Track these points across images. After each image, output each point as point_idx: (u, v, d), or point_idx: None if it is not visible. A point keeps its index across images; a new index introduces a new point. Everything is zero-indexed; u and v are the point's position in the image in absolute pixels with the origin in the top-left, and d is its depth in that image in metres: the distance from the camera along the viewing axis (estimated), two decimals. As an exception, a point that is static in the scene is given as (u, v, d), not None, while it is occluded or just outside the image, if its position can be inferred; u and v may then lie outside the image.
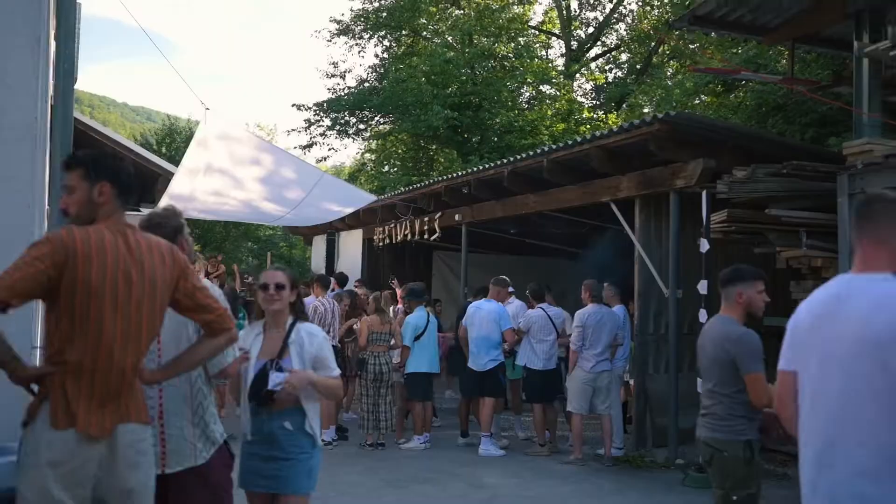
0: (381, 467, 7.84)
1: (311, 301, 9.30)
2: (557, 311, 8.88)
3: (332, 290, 11.17)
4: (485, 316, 8.56)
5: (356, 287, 12.66)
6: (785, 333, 2.65)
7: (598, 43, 27.18)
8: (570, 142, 9.14)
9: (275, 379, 3.64)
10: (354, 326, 9.41)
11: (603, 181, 9.07)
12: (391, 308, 9.51)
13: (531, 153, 9.86)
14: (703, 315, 7.39)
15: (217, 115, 11.68)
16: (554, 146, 9.41)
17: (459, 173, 11.71)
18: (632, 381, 9.03)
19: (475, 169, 11.18)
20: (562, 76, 24.67)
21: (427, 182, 13.01)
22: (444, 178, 12.17)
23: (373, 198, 13.70)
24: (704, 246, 7.43)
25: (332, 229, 17.34)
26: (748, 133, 9.13)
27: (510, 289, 9.56)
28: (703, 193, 7.43)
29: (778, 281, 7.12)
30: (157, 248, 2.80)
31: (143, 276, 2.71)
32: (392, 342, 8.69)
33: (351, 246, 17.12)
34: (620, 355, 8.41)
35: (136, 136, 32.12)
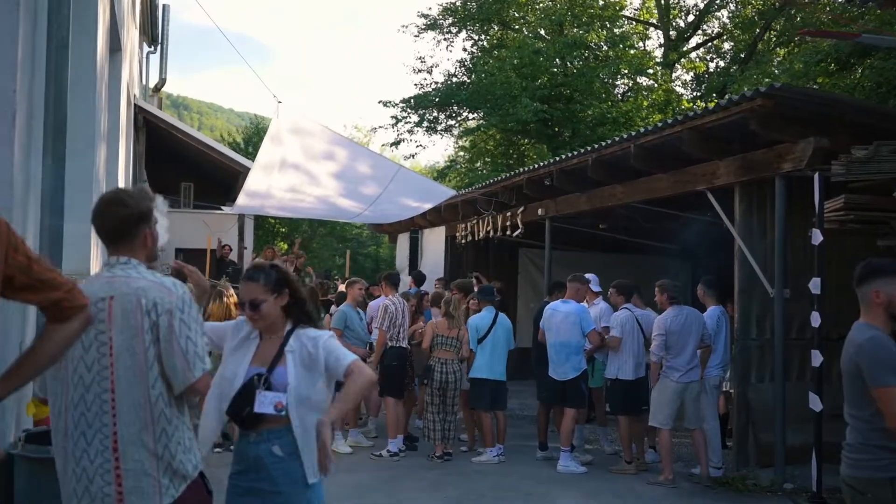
0: (447, 483, 7.15)
1: (380, 301, 8.71)
2: (644, 312, 7.98)
3: (410, 288, 10.62)
4: (562, 318, 7.76)
5: (436, 287, 12.04)
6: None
7: (699, 32, 25.81)
8: (659, 124, 8.23)
9: (262, 400, 3.01)
10: (419, 331, 8.76)
11: (697, 167, 8.13)
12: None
13: (616, 138, 8.98)
14: (815, 318, 6.40)
15: (288, 108, 11.33)
16: (642, 130, 8.50)
17: (541, 164, 10.90)
18: (732, 391, 8.07)
19: (557, 158, 10.36)
20: (659, 66, 23.50)
21: (508, 174, 12.25)
22: (526, 169, 11.39)
23: (452, 192, 13.09)
24: (817, 237, 6.40)
25: (414, 227, 16.84)
26: (868, 107, 8.02)
27: (596, 288, 8.72)
28: (816, 177, 6.41)
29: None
30: None
31: None
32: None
33: (434, 244, 16.55)
34: (715, 362, 7.46)
35: (235, 139, 32.50)
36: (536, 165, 11.05)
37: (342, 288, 10.07)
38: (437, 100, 23.84)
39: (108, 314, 2.58)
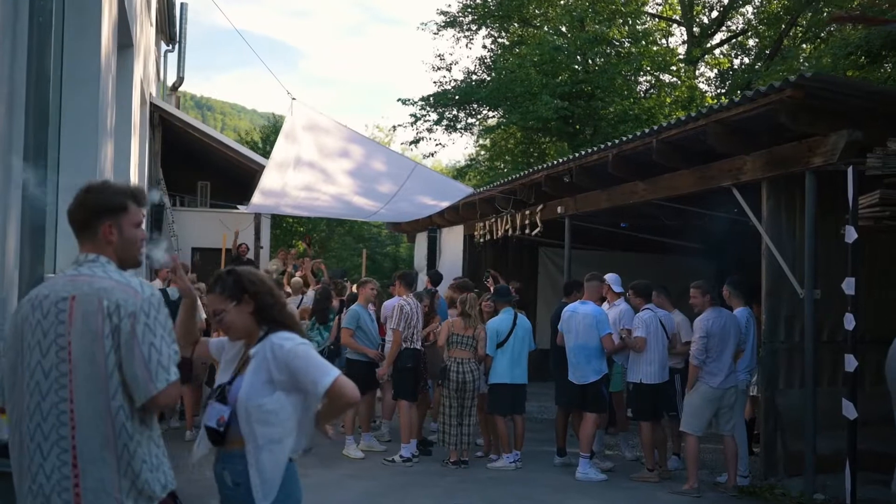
0: (460, 490, 6.89)
1: (394, 301, 8.46)
2: (666, 313, 7.66)
3: (426, 288, 10.37)
4: (581, 320, 7.46)
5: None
6: None
7: (723, 28, 25.33)
8: (682, 118, 7.90)
9: (210, 412, 2.78)
10: (434, 332, 8.50)
11: (723, 163, 7.80)
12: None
13: (638, 133, 8.65)
14: (849, 320, 6.07)
15: (302, 104, 11.13)
16: (664, 124, 8.17)
17: (560, 160, 10.59)
18: (758, 395, 7.75)
19: (577, 155, 10.05)
20: (682, 63, 23.07)
21: (526, 171, 11.96)
22: (545, 166, 11.09)
23: (469, 190, 12.83)
24: (851, 235, 6.06)
25: (433, 225, 16.59)
26: (904, 98, 7.60)
27: (618, 288, 8.40)
28: (849, 170, 6.07)
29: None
30: None
31: None
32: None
33: (452, 243, 16.29)
34: (743, 366, 7.12)
35: (254, 138, 32.39)
36: (555, 162, 10.74)
37: (354, 289, 9.83)
38: (456, 98, 23.58)
39: (68, 315, 2.34)
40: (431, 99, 23.55)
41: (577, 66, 21.91)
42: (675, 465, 7.77)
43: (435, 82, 25.06)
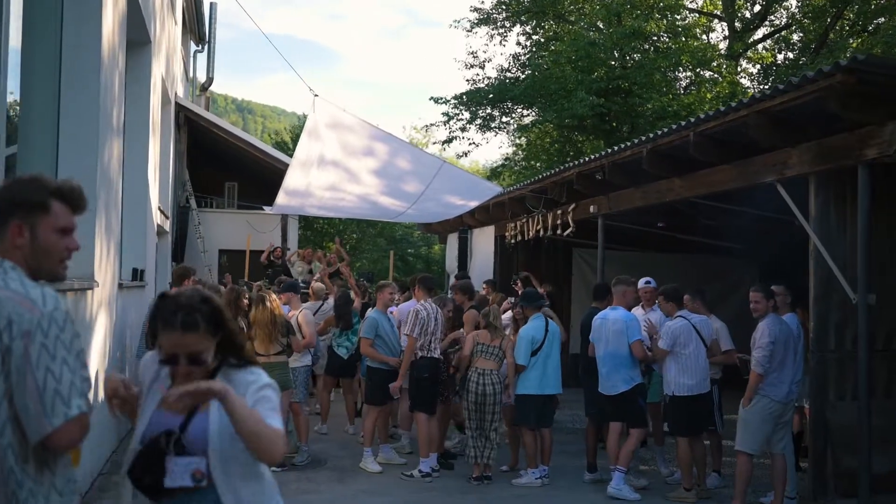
0: (482, 509, 6.43)
1: (410, 305, 8.03)
2: (702, 318, 7.04)
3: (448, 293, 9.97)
4: (610, 327, 6.95)
5: (484, 290, 11.32)
6: None
7: (766, 22, 24.50)
8: (721, 108, 7.34)
9: (175, 469, 2.26)
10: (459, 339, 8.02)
11: (766, 157, 7.22)
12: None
13: (673, 126, 8.11)
14: (907, 328, 5.48)
15: (325, 100, 10.79)
16: (702, 116, 7.62)
17: (592, 157, 10.07)
18: (807, 406, 7.17)
19: (609, 150, 9.52)
20: (723, 59, 22.33)
21: (557, 169, 11.46)
22: (576, 163, 10.57)
23: (498, 189, 12.40)
24: (909, 234, 5.49)
25: (464, 226, 16.17)
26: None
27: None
28: (907, 163, 5.50)
29: None
30: None
31: None
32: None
33: (483, 244, 15.85)
34: (796, 378, 6.54)
35: (284, 138, 32.25)
36: (587, 159, 10.22)
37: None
38: (490, 96, 23.11)
39: None
40: (464, 97, 23.10)
41: (613, 62, 21.35)
42: (715, 484, 7.21)
43: (468, 80, 24.64)
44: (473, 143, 41.96)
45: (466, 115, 23.38)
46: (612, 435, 7.05)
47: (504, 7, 24.14)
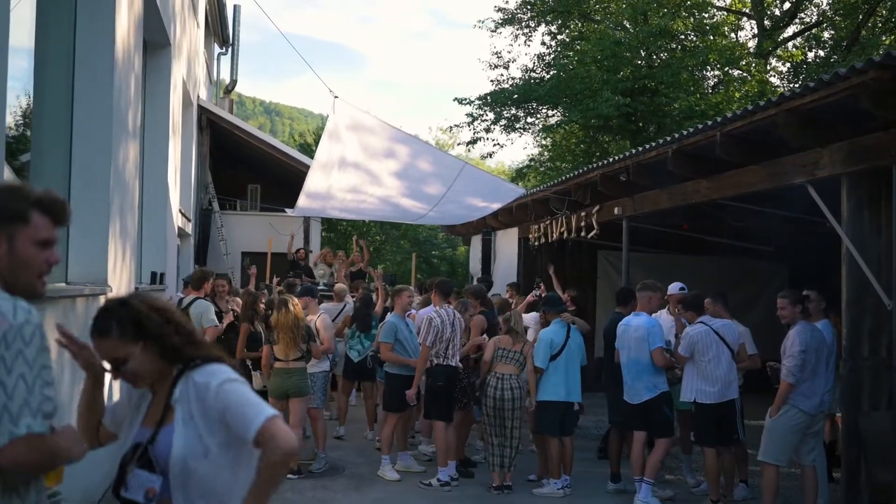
0: (501, 521, 6.26)
1: (426, 312, 7.88)
2: (725, 322, 6.77)
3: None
4: (632, 333, 6.75)
5: (507, 294, 11.16)
6: None
7: (796, 20, 24.04)
8: (749, 107, 7.11)
9: (133, 482, 2.14)
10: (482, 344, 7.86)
11: (795, 157, 6.97)
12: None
13: (699, 126, 7.88)
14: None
15: (345, 102, 10.71)
16: (729, 115, 7.39)
17: (616, 157, 9.86)
18: (838, 414, 6.92)
19: (633, 151, 9.31)
20: (752, 57, 21.93)
21: (580, 170, 11.26)
22: (599, 164, 10.36)
23: (521, 191, 12.24)
24: (947, 238, 5.23)
25: (487, 228, 16.01)
26: None
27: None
28: (945, 163, 5.25)
29: None
30: None
31: None
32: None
33: (507, 246, 15.69)
34: (827, 387, 6.30)
35: (307, 140, 32.25)
36: (611, 160, 10.00)
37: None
38: (515, 96, 22.90)
39: None
40: (489, 98, 22.91)
41: (639, 61, 21.07)
42: (743, 495, 6.99)
43: (492, 81, 24.43)
44: (498, 143, 41.66)
45: (491, 115, 23.20)
46: (636, 445, 6.84)
47: (529, 7, 23.91)
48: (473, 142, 23.93)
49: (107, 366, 2.24)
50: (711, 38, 21.65)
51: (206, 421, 2.14)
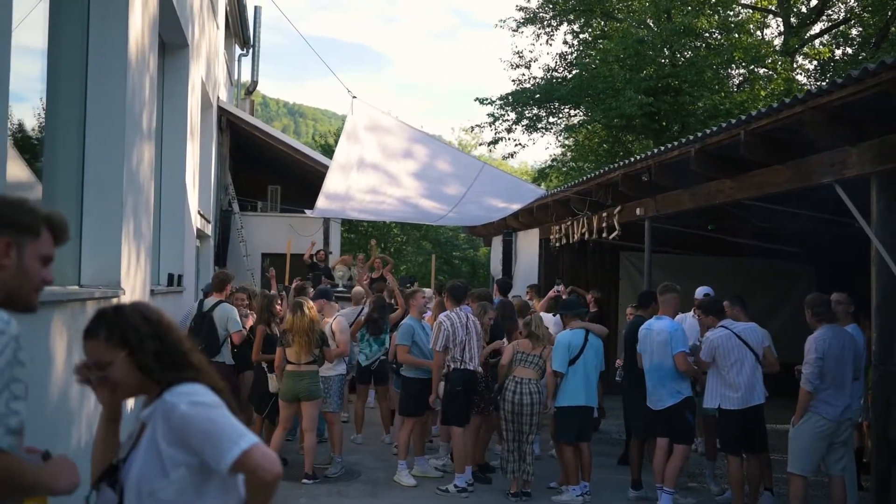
0: (518, 529, 6.12)
1: (440, 317, 7.74)
2: (748, 326, 6.54)
3: (495, 298, 9.64)
4: (655, 338, 6.58)
5: (528, 295, 11.01)
6: None
7: (823, 17, 23.63)
8: (774, 104, 6.91)
9: (101, 502, 2.02)
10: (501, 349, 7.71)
11: (823, 156, 6.78)
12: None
13: (723, 124, 7.69)
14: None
15: (363, 102, 10.63)
16: (753, 113, 7.20)
17: (637, 157, 9.68)
18: (865, 421, 6.72)
19: (655, 151, 9.13)
20: (778, 55, 21.59)
21: (601, 171, 11.08)
22: (621, 164, 10.18)
23: (542, 191, 12.10)
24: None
25: (508, 229, 15.87)
26: None
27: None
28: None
29: None
30: None
31: None
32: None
33: (528, 247, 15.54)
34: (857, 394, 6.10)
35: (328, 141, 32.22)
36: (632, 160, 9.82)
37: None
38: (536, 96, 22.73)
39: None
40: (510, 98, 22.76)
41: (663, 60, 20.81)
42: (768, 503, 6.79)
43: (513, 80, 24.27)
44: (519, 143, 41.35)
45: (512, 115, 23.04)
46: (658, 452, 6.67)
47: (551, 6, 23.73)
48: (495, 142, 23.81)
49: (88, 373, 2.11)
50: (736, 35, 21.34)
51: (168, 442, 2.00)
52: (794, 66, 23.11)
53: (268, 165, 18.74)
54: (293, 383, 7.05)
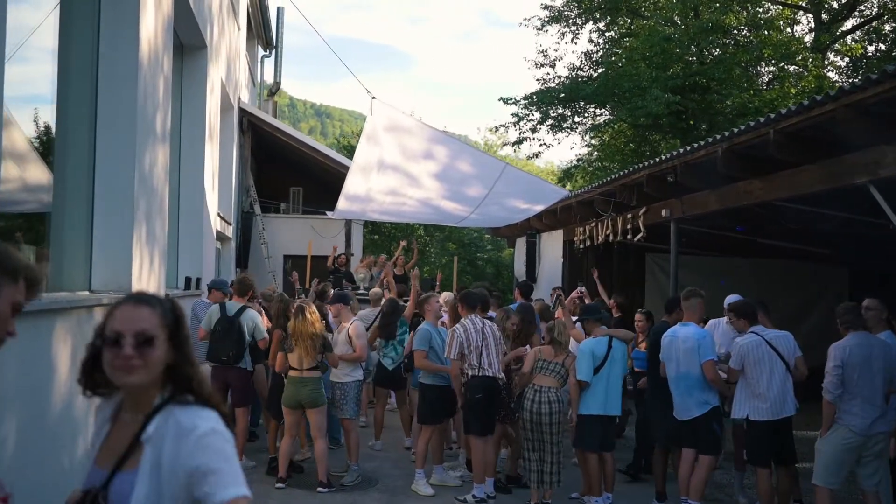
0: (538, 542, 5.92)
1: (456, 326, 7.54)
2: (780, 333, 6.28)
3: (516, 301, 9.46)
4: (680, 346, 6.33)
5: (552, 296, 10.79)
6: None
7: (855, 13, 23.12)
8: (804, 102, 6.65)
9: None
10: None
11: (856, 155, 6.49)
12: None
13: (751, 123, 7.44)
14: None
15: (382, 103, 10.50)
16: (783, 111, 6.94)
17: (663, 157, 9.43)
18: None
19: (680, 151, 8.88)
20: (808, 52, 21.13)
21: (626, 171, 10.84)
22: (646, 164, 9.94)
23: (564, 192, 11.88)
24: None
25: (531, 230, 15.65)
26: None
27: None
28: None
29: None
30: None
31: None
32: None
33: (552, 248, 15.31)
34: (892, 403, 5.82)
35: (351, 142, 32.18)
36: (657, 160, 9.57)
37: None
38: (561, 95, 22.46)
39: None
40: (534, 97, 22.51)
41: (690, 57, 20.47)
42: (798, 516, 6.54)
43: (538, 80, 24.03)
44: (544, 143, 41.04)
45: (537, 115, 22.80)
46: (684, 464, 6.43)
47: (576, 4, 23.46)
48: (519, 142, 23.59)
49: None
50: (766, 32, 20.93)
51: (172, 472, 1.84)
52: (826, 63, 22.64)
53: (290, 167, 18.68)
54: (295, 390, 6.92)
